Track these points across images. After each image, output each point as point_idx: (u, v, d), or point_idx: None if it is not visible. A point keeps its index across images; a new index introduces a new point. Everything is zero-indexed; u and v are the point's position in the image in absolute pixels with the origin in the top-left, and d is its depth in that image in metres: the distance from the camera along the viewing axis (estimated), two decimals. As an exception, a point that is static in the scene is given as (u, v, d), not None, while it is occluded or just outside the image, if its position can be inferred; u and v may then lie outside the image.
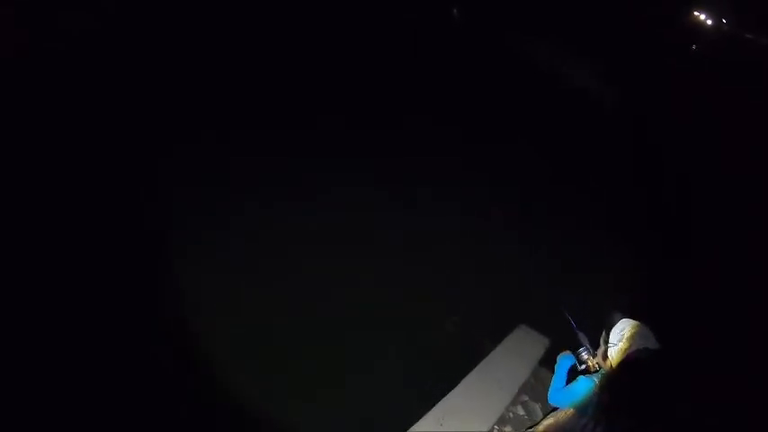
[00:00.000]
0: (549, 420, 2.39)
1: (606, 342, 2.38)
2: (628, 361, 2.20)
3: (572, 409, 2.30)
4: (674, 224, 5.98)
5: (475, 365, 3.31)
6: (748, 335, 4.41)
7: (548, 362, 3.47)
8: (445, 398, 2.95)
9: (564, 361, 2.56)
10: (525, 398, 3.31)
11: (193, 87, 5.57)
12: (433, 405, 2.90)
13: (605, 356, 2.36)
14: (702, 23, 22.79)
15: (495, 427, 3.03)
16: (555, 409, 2.50)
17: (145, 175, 4.74)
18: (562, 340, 3.64)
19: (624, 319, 2.37)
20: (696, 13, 21.95)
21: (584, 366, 2.51)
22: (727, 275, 5.10)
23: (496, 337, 3.68)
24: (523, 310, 4.13)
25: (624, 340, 2.26)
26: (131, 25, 5.29)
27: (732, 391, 3.32)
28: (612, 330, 2.36)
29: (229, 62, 5.72)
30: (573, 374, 2.53)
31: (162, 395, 3.07)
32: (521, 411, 3.23)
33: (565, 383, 2.49)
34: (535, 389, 3.38)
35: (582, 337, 2.58)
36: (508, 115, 6.73)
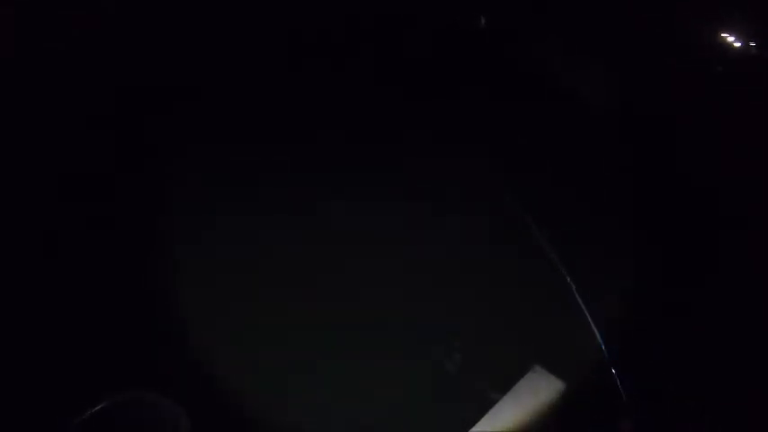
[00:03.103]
0: None
1: None
2: None
3: None
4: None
5: (481, 412, 3.07)
6: None
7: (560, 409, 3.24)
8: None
9: None
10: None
11: (194, 87, 5.64)
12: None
13: None
14: (730, 45, 22.53)
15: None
16: None
17: (144, 176, 4.82)
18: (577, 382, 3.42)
19: None
20: (723, 35, 21.70)
21: None
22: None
23: (507, 381, 3.41)
24: (538, 347, 3.82)
25: None
26: (131, 25, 5.37)
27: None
28: None
29: (231, 65, 5.79)
30: None
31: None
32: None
33: None
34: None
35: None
36: (508, 118, 6.61)
